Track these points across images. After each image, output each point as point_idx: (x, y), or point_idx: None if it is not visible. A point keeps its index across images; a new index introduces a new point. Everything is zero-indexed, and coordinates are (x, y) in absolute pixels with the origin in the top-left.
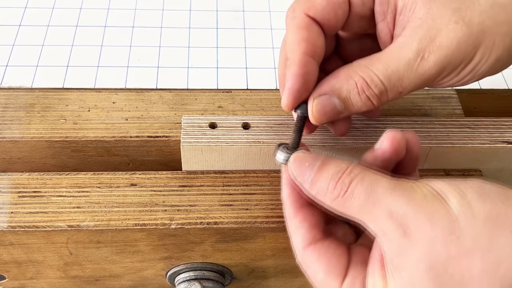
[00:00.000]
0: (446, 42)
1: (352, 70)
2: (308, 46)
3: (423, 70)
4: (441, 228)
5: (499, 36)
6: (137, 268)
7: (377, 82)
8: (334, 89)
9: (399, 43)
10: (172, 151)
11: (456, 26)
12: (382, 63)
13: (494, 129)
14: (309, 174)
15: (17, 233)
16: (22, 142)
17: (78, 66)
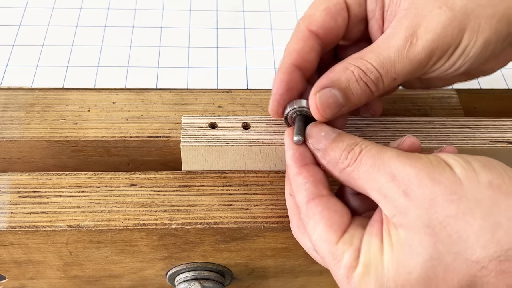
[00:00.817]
0: (431, 27)
1: (347, 63)
2: (297, 58)
3: (413, 54)
4: (443, 188)
5: (484, 19)
6: (137, 268)
7: (372, 69)
8: (333, 81)
9: (387, 34)
10: (172, 151)
11: (440, 11)
12: (374, 53)
13: (494, 129)
14: (324, 143)
15: (17, 233)
16: (22, 142)
17: (78, 66)
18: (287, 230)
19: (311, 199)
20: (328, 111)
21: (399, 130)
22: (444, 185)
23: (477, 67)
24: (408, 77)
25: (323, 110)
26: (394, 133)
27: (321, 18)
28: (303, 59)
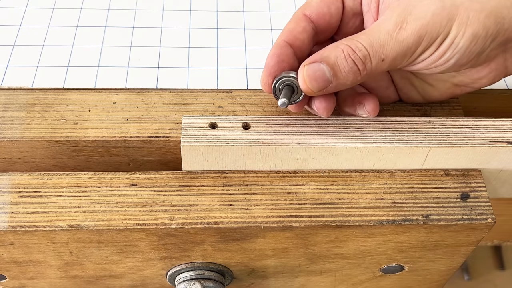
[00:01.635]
0: (421, 14)
1: (338, 42)
2: (289, 35)
3: (402, 37)
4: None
5: (472, 12)
6: (137, 268)
7: (361, 47)
8: (323, 56)
9: (379, 20)
10: (172, 151)
11: (430, 1)
12: (365, 35)
13: (494, 129)
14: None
15: (18, 233)
16: (22, 142)
17: (79, 66)
18: (287, 230)
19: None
20: (315, 84)
21: (399, 130)
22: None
23: (469, 71)
24: (397, 60)
25: (310, 82)
26: (394, 133)
27: (316, 4)
28: (294, 37)
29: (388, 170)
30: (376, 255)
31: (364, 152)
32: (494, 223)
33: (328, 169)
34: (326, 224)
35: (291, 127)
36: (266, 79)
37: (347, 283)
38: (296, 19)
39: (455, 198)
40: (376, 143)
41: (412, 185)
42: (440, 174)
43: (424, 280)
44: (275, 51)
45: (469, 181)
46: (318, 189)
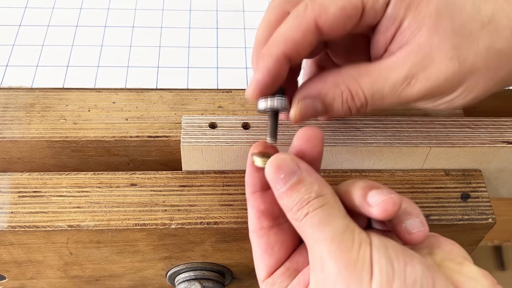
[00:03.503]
0: (435, 75)
1: (340, 79)
2: (292, 50)
3: (405, 95)
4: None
5: (484, 80)
6: (137, 268)
7: (361, 95)
8: (320, 93)
9: (391, 62)
10: (172, 151)
11: (450, 63)
12: (370, 79)
13: (494, 129)
14: (281, 187)
15: (17, 233)
16: (22, 142)
17: (78, 66)
18: None
19: (251, 230)
20: (302, 120)
21: (399, 130)
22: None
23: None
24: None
25: (299, 119)
26: (394, 133)
27: (333, 16)
28: (298, 52)
29: (388, 170)
30: None
31: (364, 152)
32: (494, 223)
33: (328, 169)
34: None
35: (291, 127)
36: (256, 96)
37: None
38: (306, 29)
39: (455, 198)
40: (377, 143)
41: (412, 185)
42: (441, 174)
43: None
44: (272, 68)
45: (469, 181)
46: None
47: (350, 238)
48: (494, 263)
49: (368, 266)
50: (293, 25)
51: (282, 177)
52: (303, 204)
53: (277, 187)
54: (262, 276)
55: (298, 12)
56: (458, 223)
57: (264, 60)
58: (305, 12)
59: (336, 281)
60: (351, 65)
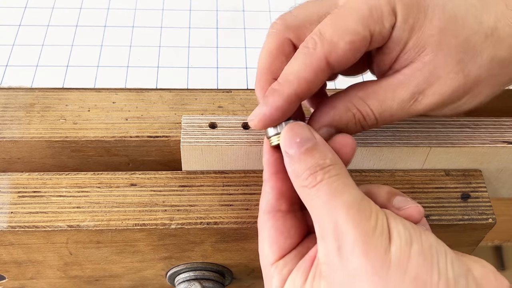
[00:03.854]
0: (441, 90)
1: (350, 102)
2: (305, 89)
3: (413, 110)
4: (370, 266)
5: (488, 87)
6: (137, 268)
7: (371, 116)
8: (334, 120)
9: (397, 81)
10: (172, 151)
11: (455, 76)
12: (378, 100)
13: (494, 129)
14: (294, 151)
15: (17, 233)
16: (22, 142)
17: (78, 66)
18: None
19: (267, 211)
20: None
21: (399, 130)
22: (373, 263)
23: None
24: (400, 120)
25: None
26: (394, 133)
27: (343, 52)
28: (310, 91)
29: (388, 170)
30: None
31: (365, 152)
32: (494, 223)
33: None
34: None
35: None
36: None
37: None
38: (318, 67)
39: (455, 198)
40: (377, 143)
41: (412, 185)
42: (441, 174)
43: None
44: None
45: (469, 181)
46: None
47: (368, 206)
48: (494, 263)
49: (387, 232)
50: (305, 64)
51: (298, 141)
52: (317, 169)
53: (291, 151)
54: (272, 258)
55: (309, 50)
56: (458, 223)
57: (275, 97)
58: (315, 51)
59: (354, 246)
60: (357, 86)
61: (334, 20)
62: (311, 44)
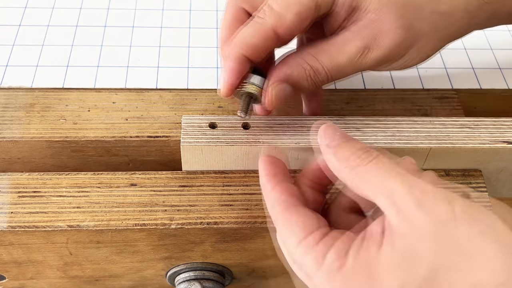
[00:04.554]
0: (386, 44)
1: (301, 59)
2: (253, 53)
3: (362, 64)
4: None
5: (432, 40)
6: (137, 268)
7: (322, 71)
8: (286, 75)
9: (345, 37)
10: (172, 151)
11: (398, 31)
12: (328, 55)
13: (494, 129)
14: (339, 141)
15: (17, 233)
16: (22, 142)
17: (78, 66)
18: None
19: (286, 208)
20: (279, 102)
21: (399, 130)
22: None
23: None
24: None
25: (276, 101)
26: (394, 133)
27: (291, 23)
28: (258, 55)
29: None
30: None
31: None
32: None
33: None
34: None
35: (291, 127)
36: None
37: None
38: (265, 36)
39: None
40: (377, 143)
41: None
42: (441, 174)
43: None
44: (236, 68)
45: (469, 181)
46: None
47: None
48: None
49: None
50: (254, 33)
51: (339, 134)
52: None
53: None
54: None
55: (257, 19)
56: None
57: (228, 61)
58: (264, 22)
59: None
60: (309, 44)
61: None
62: (261, 15)
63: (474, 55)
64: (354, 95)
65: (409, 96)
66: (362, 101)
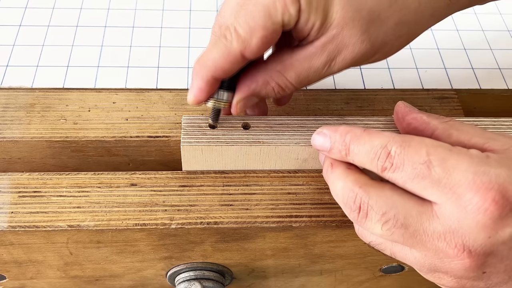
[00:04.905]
0: (350, 56)
1: (269, 76)
2: (222, 75)
3: (328, 74)
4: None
5: (395, 47)
6: (137, 268)
7: (290, 86)
8: (255, 92)
9: (310, 52)
10: (172, 151)
11: (361, 45)
12: (294, 71)
13: (494, 129)
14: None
15: (17, 233)
16: (22, 142)
17: (78, 66)
18: (287, 230)
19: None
20: (245, 111)
21: (399, 130)
22: None
23: None
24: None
25: (243, 111)
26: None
27: (257, 47)
28: (227, 75)
29: None
30: (376, 255)
31: None
32: None
33: None
34: (326, 224)
35: (291, 127)
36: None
37: (347, 283)
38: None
39: None
40: None
41: None
42: None
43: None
44: (205, 88)
45: None
46: (318, 189)
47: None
48: None
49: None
50: (222, 55)
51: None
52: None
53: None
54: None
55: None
56: None
57: (197, 80)
58: (231, 45)
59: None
60: (275, 59)
61: (245, 17)
62: (228, 36)
63: (473, 55)
64: (354, 95)
65: (409, 96)
66: (362, 101)
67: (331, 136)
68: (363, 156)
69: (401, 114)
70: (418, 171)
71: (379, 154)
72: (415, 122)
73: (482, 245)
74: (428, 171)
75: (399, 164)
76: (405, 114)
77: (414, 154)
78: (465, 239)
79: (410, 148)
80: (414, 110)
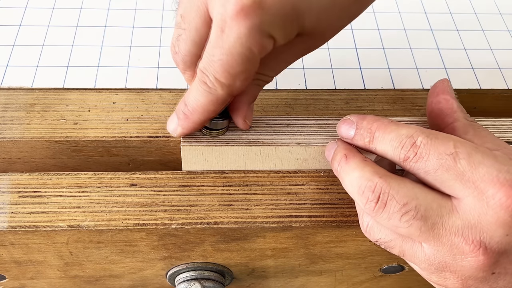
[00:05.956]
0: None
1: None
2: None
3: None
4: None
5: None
6: (137, 268)
7: (271, 79)
8: (250, 101)
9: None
10: (172, 151)
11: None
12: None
13: (494, 129)
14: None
15: (17, 233)
16: (22, 142)
17: (78, 66)
18: (287, 230)
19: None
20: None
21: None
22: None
23: None
24: None
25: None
26: None
27: (242, 85)
28: (211, 116)
29: None
30: (376, 255)
31: (364, 154)
32: None
33: (328, 169)
34: (326, 224)
35: (291, 127)
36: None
37: (347, 283)
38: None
39: None
40: None
41: None
42: None
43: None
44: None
45: None
46: (318, 189)
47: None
48: None
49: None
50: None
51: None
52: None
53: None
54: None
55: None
56: None
57: (187, 122)
58: (217, 92)
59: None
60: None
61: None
62: (211, 85)
63: (474, 55)
64: (353, 95)
65: (409, 96)
66: (362, 101)
67: (358, 123)
68: (387, 143)
69: (439, 89)
70: (443, 162)
71: (404, 143)
72: (444, 103)
73: (499, 242)
74: (453, 163)
75: (423, 154)
76: (442, 92)
77: (441, 145)
78: (482, 235)
79: (438, 140)
80: (452, 93)
